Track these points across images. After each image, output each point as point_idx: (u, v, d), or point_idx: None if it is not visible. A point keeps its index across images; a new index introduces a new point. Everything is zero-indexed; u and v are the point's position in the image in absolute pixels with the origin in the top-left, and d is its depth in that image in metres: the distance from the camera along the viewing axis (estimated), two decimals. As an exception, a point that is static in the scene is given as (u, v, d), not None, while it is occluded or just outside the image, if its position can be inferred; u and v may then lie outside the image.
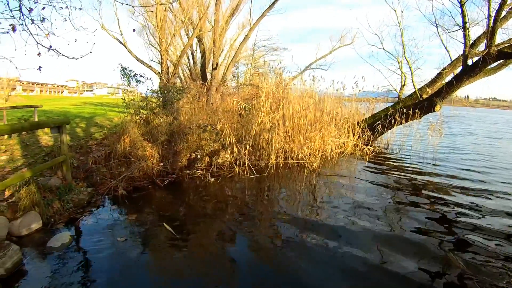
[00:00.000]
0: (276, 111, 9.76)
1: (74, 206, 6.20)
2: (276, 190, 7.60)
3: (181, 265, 4.43)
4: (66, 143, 6.77)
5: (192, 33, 17.01)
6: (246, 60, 29.40)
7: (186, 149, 8.53)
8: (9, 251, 4.34)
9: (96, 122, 14.42)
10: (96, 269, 4.32)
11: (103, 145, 9.44)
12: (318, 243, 4.89)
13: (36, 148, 8.85)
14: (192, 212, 6.29)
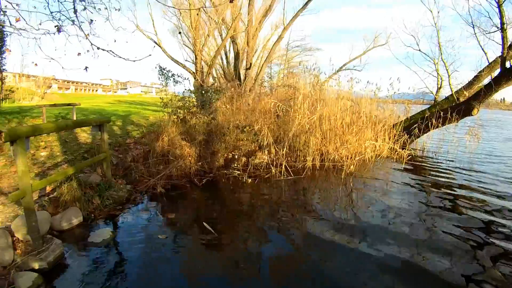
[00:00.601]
0: (313, 112, 9.59)
1: (114, 203, 6.26)
2: (312, 192, 7.49)
3: (218, 263, 4.44)
4: (107, 141, 6.84)
5: (226, 34, 17.00)
6: (279, 60, 29.24)
7: (224, 149, 8.51)
8: (52, 245, 4.40)
9: (132, 120, 14.52)
10: (135, 265, 4.34)
11: (140, 144, 9.52)
12: (351, 246, 4.79)
13: (75, 145, 8.96)
14: (229, 211, 6.26)
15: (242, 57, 18.82)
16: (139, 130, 11.77)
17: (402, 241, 4.90)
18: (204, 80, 14.05)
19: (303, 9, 15.78)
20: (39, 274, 3.94)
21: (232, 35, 17.21)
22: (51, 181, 5.11)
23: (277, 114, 9.88)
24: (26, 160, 4.18)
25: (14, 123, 10.68)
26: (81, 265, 4.32)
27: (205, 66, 16.04)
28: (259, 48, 25.29)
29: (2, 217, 5.18)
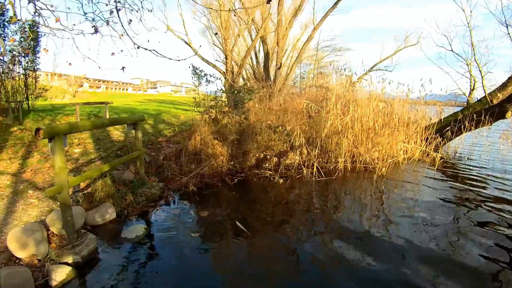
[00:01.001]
0: (346, 113, 9.40)
1: (146, 200, 6.32)
2: (343, 195, 7.37)
3: (249, 262, 4.45)
4: (141, 139, 6.91)
5: (257, 34, 16.97)
6: (309, 60, 29.05)
7: (256, 149, 8.45)
8: (86, 240, 4.48)
9: (163, 119, 14.65)
10: (167, 262, 4.37)
11: (172, 142, 9.59)
12: (379, 251, 4.69)
13: (108, 143, 9.06)
14: (260, 211, 6.21)
15: (272, 57, 18.77)
16: (170, 129, 11.87)
17: (427, 253, 4.71)
18: (235, 80, 14.02)
19: (333, 9, 15.63)
20: (72, 268, 4.01)
21: (262, 35, 17.15)
22: (86, 177, 5.20)
23: (309, 115, 9.73)
24: (63, 157, 4.25)
25: (47, 120, 10.89)
26: (114, 260, 4.38)
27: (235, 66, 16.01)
28: (289, 48, 25.20)
29: (37, 211, 5.25)
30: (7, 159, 7.47)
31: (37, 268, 3.96)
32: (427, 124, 11.82)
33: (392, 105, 11.38)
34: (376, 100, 10.61)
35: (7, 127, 9.43)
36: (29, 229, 4.23)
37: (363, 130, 9.70)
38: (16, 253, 4.06)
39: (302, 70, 27.38)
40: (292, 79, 18.78)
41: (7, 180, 6.42)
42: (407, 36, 22.46)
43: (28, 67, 12.05)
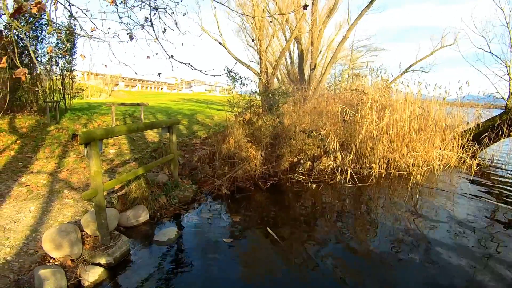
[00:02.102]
0: (381, 118, 9.13)
1: (179, 202, 6.36)
2: (376, 202, 7.16)
3: (281, 271, 4.32)
4: (175, 142, 6.93)
5: (291, 35, 16.85)
6: (343, 60, 28.69)
7: (289, 152, 8.31)
8: (119, 241, 4.53)
9: (197, 119, 14.74)
10: (199, 267, 4.35)
11: (206, 144, 9.60)
12: (413, 260, 4.53)
13: (142, 144, 9.14)
14: (293, 217, 6.12)
15: (306, 57, 18.62)
16: (205, 130, 11.89)
17: (461, 265, 4.48)
18: (269, 81, 13.93)
19: (368, 8, 15.30)
20: (105, 269, 4.09)
21: (297, 35, 17.01)
22: (121, 181, 5.24)
23: (344, 119, 9.52)
24: (99, 162, 4.31)
25: (83, 120, 11.10)
26: (146, 263, 4.40)
27: (269, 67, 15.92)
28: (324, 49, 24.95)
29: (72, 212, 5.32)
30: (44, 158, 7.64)
31: (70, 268, 4.01)
32: (464, 129, 11.35)
33: (429, 110, 10.99)
34: (413, 105, 10.27)
35: (44, 126, 9.66)
36: (64, 230, 4.30)
37: (398, 135, 9.41)
38: (51, 253, 4.13)
39: (337, 70, 27.03)
40: (330, 82, 18.50)
41: (43, 179, 6.55)
42: (443, 36, 21.75)
43: (65, 68, 12.32)
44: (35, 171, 6.99)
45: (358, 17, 15.76)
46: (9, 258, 4.01)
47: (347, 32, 16.38)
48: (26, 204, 5.46)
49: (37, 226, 4.83)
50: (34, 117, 10.28)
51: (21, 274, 3.78)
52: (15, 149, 7.98)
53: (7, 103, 9.35)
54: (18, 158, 7.57)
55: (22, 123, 9.52)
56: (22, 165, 7.25)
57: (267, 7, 16.65)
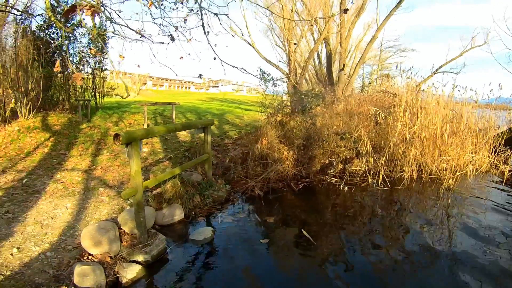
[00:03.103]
0: (414, 121, 8.91)
1: (213, 202, 6.37)
2: (407, 206, 7.02)
3: (316, 274, 4.27)
4: (210, 142, 6.95)
5: (320, 36, 16.70)
6: (372, 61, 28.34)
7: (321, 154, 8.19)
8: (157, 240, 4.56)
9: (227, 119, 14.78)
10: (234, 267, 4.34)
11: (238, 144, 9.63)
12: (439, 268, 4.39)
13: (175, 143, 9.18)
14: (325, 219, 6.06)
15: (335, 58, 18.43)
16: (235, 130, 11.90)
17: (492, 276, 4.29)
18: (298, 82, 13.82)
19: (397, 8, 15.03)
20: (142, 267, 4.14)
21: (325, 36, 16.85)
22: (160, 180, 5.29)
23: (377, 122, 9.34)
24: (139, 161, 4.36)
25: (114, 118, 11.21)
26: (182, 261, 4.42)
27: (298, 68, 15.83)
28: (352, 49, 24.67)
29: (108, 209, 5.36)
30: (77, 156, 7.73)
31: (109, 265, 4.04)
32: (496, 132, 11.00)
33: (462, 113, 10.69)
34: (446, 109, 10.00)
35: (76, 124, 9.80)
36: (103, 228, 4.34)
37: (430, 139, 9.17)
38: (89, 249, 4.18)
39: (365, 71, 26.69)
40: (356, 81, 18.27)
41: (78, 176, 6.62)
42: (473, 36, 21.20)
43: (96, 67, 12.49)
44: (70, 168, 7.07)
45: (387, 17, 15.52)
46: (48, 253, 4.06)
47: (376, 32, 16.16)
48: (62, 201, 5.52)
49: (74, 222, 4.88)
50: (66, 115, 10.43)
51: (60, 269, 3.83)
52: (48, 146, 8.10)
53: (40, 101, 9.50)
54: (52, 155, 7.68)
55: (54, 120, 9.66)
56: (56, 162, 7.35)
57: (295, 7, 16.53)
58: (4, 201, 5.39)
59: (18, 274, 3.57)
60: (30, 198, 5.57)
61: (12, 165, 7.01)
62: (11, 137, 8.19)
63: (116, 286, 3.85)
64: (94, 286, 3.60)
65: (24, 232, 4.48)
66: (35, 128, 8.82)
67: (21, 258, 3.87)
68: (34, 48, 9.52)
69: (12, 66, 9.26)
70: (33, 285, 3.43)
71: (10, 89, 9.21)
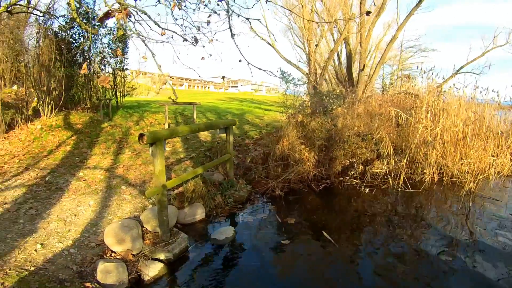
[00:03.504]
0: (436, 123, 8.73)
1: (234, 202, 6.39)
2: (428, 209, 6.91)
3: (337, 277, 4.22)
4: (232, 143, 6.98)
5: (340, 36, 16.55)
6: (392, 61, 27.97)
7: (342, 155, 8.09)
8: (179, 239, 4.59)
9: (247, 119, 14.79)
10: (255, 267, 4.34)
11: (259, 145, 9.63)
12: (459, 272, 4.30)
13: (196, 143, 9.21)
14: (346, 221, 6.02)
15: (355, 58, 18.26)
16: (256, 131, 11.89)
17: None
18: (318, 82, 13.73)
19: (417, 7, 14.80)
20: (164, 265, 4.17)
21: (345, 36, 16.71)
22: (183, 179, 5.34)
23: (398, 123, 9.20)
24: (163, 160, 4.41)
25: (135, 117, 11.27)
26: (204, 261, 4.45)
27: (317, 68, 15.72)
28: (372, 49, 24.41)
29: (130, 207, 5.39)
30: (99, 154, 7.79)
31: (131, 262, 4.08)
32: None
33: (484, 115, 10.44)
34: (468, 110, 9.78)
35: (98, 123, 9.89)
36: (127, 226, 4.39)
37: (451, 141, 8.98)
38: (112, 247, 4.22)
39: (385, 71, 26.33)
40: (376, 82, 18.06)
41: (101, 174, 6.67)
42: (495, 36, 20.71)
43: (117, 67, 12.59)
44: (92, 166, 7.14)
45: (408, 16, 15.30)
46: (72, 250, 4.10)
47: (396, 31, 15.96)
48: (85, 198, 5.57)
49: (97, 220, 4.91)
50: (88, 114, 10.53)
51: (84, 266, 3.86)
52: (71, 145, 8.19)
53: (62, 100, 9.61)
54: (74, 153, 7.77)
55: (76, 119, 9.76)
56: (78, 160, 7.42)
57: (315, 7, 16.45)
58: (27, 197, 5.47)
59: (42, 270, 3.60)
60: (53, 195, 5.64)
61: (35, 163, 7.10)
62: (33, 135, 8.30)
63: (138, 283, 3.87)
64: (116, 283, 3.63)
65: (48, 229, 4.53)
66: (57, 126, 8.92)
67: (44, 254, 3.90)
68: (56, 48, 9.65)
69: (34, 66, 9.42)
70: (57, 281, 3.46)
71: (32, 88, 9.37)
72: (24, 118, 8.66)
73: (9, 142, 7.97)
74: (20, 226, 4.54)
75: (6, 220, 4.66)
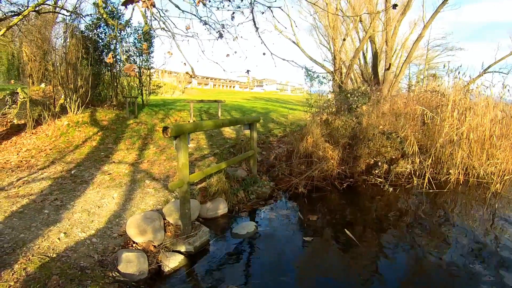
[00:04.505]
0: (462, 122, 8.48)
1: (257, 198, 6.40)
2: (453, 210, 6.72)
3: (358, 275, 4.15)
4: (256, 139, 6.99)
5: (365, 34, 16.39)
6: (418, 60, 27.47)
7: (367, 154, 7.96)
8: (200, 232, 4.62)
9: (272, 118, 14.79)
10: (275, 263, 4.31)
11: (283, 142, 9.64)
12: (483, 276, 4.12)
13: (220, 139, 9.23)
14: (369, 220, 5.95)
15: (380, 57, 18.02)
16: (280, 129, 11.88)
17: None
18: (343, 81, 13.59)
19: (443, 5, 14.52)
20: (184, 257, 4.21)
21: (371, 34, 16.50)
22: (206, 173, 5.40)
23: (424, 122, 8.99)
24: (187, 154, 4.47)
25: (160, 115, 11.39)
26: (224, 254, 4.47)
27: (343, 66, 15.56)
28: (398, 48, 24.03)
29: (154, 200, 5.42)
30: (124, 149, 7.88)
31: (152, 253, 4.13)
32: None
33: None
34: (495, 109, 9.47)
35: (123, 120, 10.01)
36: (149, 218, 4.43)
37: (478, 141, 8.71)
38: (134, 238, 4.28)
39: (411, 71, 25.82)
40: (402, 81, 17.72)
41: (125, 169, 6.74)
42: (524, 34, 19.87)
43: (143, 66, 12.73)
44: (117, 161, 7.23)
45: (434, 14, 15.01)
46: (94, 239, 4.15)
47: (423, 30, 15.68)
48: (109, 191, 5.64)
49: (120, 212, 4.97)
50: (114, 111, 10.67)
51: (105, 255, 3.91)
52: (96, 140, 8.32)
53: (88, 97, 9.77)
54: (100, 149, 7.88)
55: (102, 116, 9.90)
56: (104, 155, 7.52)
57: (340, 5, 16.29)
58: (53, 189, 5.57)
59: (63, 257, 3.65)
60: (78, 188, 5.73)
61: (61, 157, 7.24)
62: (60, 131, 8.45)
63: (158, 274, 3.90)
64: (137, 272, 3.67)
65: (72, 219, 4.60)
66: (83, 123, 9.07)
67: (67, 243, 3.96)
68: (83, 47, 9.81)
69: (61, 64, 9.61)
70: (78, 268, 3.50)
71: (60, 86, 9.56)
72: (51, 115, 8.84)
73: (37, 138, 8.14)
74: (45, 216, 4.63)
75: (31, 210, 4.76)
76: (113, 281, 3.48)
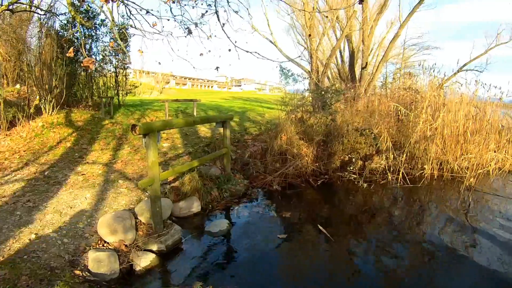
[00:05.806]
0: (436, 118, 8.70)
1: (231, 196, 6.43)
2: (427, 205, 6.85)
3: (328, 268, 4.31)
4: (229, 137, 7.01)
5: (342, 33, 16.54)
6: (395, 59, 27.79)
7: (341, 151, 8.10)
8: (172, 230, 4.65)
9: (248, 117, 14.86)
10: (248, 259, 4.38)
11: (258, 140, 9.65)
12: (459, 268, 4.29)
13: (195, 138, 9.26)
14: (343, 216, 6.08)
15: (357, 56, 18.24)
16: (256, 127, 11.93)
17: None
18: (320, 80, 13.71)
19: (420, 4, 14.73)
20: (156, 255, 4.22)
21: (347, 33, 16.70)
22: (177, 172, 5.43)
23: (399, 118, 9.17)
24: (156, 152, 4.44)
25: (137, 115, 11.35)
26: (196, 252, 4.50)
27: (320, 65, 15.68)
28: (375, 47, 24.26)
29: (126, 200, 5.44)
30: (99, 150, 7.87)
31: (123, 253, 4.14)
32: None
33: (485, 110, 10.38)
34: (469, 105, 9.74)
35: (99, 121, 9.96)
36: (120, 217, 4.43)
37: (452, 137, 8.94)
38: (105, 237, 4.28)
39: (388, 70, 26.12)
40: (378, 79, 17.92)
41: (99, 169, 6.73)
42: (498, 33, 20.32)
43: (119, 66, 12.66)
44: (91, 161, 7.21)
45: (410, 14, 15.24)
46: (65, 240, 4.16)
47: (399, 29, 15.90)
48: (82, 192, 5.63)
49: (93, 212, 4.98)
50: (89, 111, 10.61)
51: (76, 255, 3.92)
52: (71, 141, 8.27)
53: (64, 98, 9.68)
54: (74, 149, 7.84)
55: (77, 117, 9.83)
56: (78, 155, 7.49)
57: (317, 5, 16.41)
58: (26, 191, 5.53)
59: (34, 258, 3.65)
60: (51, 189, 5.70)
61: (35, 158, 7.18)
62: (35, 132, 8.37)
63: (130, 273, 3.91)
64: (108, 272, 3.68)
65: (43, 220, 4.58)
66: (58, 124, 8.99)
67: (38, 244, 3.95)
68: (58, 47, 9.71)
69: (36, 64, 9.50)
70: (48, 268, 3.51)
71: (34, 87, 9.45)
72: (25, 116, 8.72)
73: (11, 139, 8.04)
74: (16, 217, 4.59)
75: (3, 212, 4.71)
76: (83, 281, 3.49)
